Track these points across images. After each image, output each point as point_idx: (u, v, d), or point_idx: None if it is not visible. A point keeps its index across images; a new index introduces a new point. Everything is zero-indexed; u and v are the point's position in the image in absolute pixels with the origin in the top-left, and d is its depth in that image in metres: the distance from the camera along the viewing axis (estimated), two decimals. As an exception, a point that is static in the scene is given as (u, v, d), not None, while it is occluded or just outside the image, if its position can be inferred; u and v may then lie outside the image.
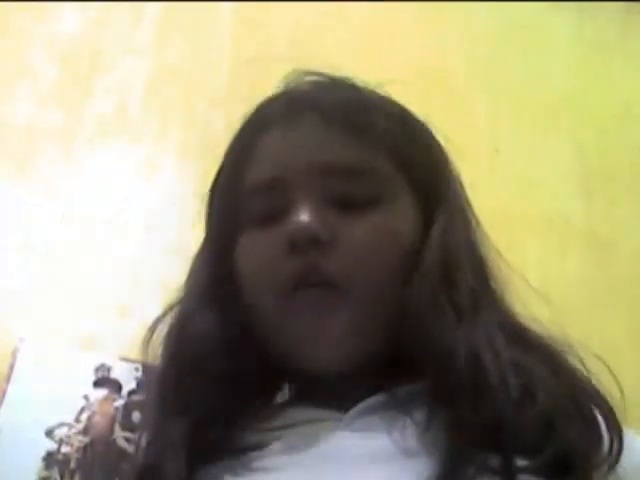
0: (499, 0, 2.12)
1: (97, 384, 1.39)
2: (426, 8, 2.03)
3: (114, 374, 1.40)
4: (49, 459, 1.30)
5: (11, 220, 1.52)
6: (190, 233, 1.54)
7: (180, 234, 1.55)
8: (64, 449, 1.32)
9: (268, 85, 0.80)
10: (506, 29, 2.13)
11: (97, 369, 1.40)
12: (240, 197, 0.71)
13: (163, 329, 0.70)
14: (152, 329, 0.71)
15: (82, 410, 1.36)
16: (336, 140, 0.68)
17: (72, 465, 1.31)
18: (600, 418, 0.60)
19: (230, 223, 0.71)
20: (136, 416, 1.38)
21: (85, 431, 1.34)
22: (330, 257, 0.64)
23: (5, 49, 1.64)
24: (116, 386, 1.39)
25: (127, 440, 1.35)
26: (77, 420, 1.34)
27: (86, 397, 1.37)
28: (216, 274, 0.71)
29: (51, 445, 1.31)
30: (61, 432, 1.33)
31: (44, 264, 1.49)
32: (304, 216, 0.64)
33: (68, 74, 1.66)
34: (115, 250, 1.55)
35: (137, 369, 1.40)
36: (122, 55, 1.73)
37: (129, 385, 1.40)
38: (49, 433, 1.32)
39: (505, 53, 2.09)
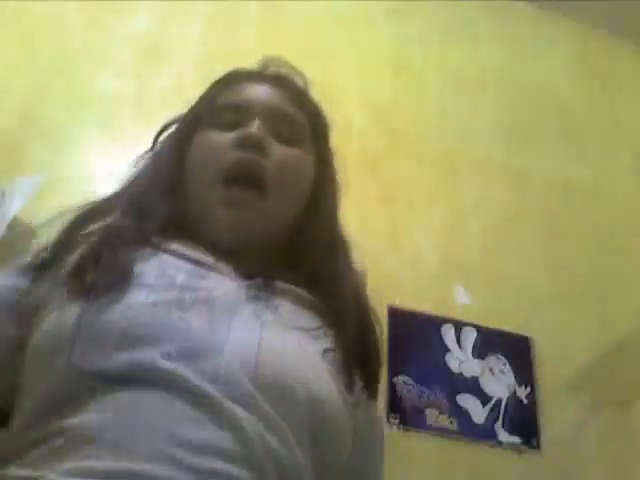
0: (447, -1, 2.34)
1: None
2: (393, 8, 2.29)
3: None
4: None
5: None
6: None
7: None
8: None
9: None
10: (449, 25, 2.36)
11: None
12: (209, 110, 0.87)
13: None
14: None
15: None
16: (284, 100, 0.89)
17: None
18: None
19: (193, 125, 0.86)
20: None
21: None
22: (267, 160, 0.81)
23: (92, 40, 1.88)
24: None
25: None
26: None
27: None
28: (172, 161, 0.85)
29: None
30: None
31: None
32: (256, 129, 0.82)
33: (140, 58, 1.89)
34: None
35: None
36: (178, 44, 1.95)
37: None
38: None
39: (449, 43, 2.34)
